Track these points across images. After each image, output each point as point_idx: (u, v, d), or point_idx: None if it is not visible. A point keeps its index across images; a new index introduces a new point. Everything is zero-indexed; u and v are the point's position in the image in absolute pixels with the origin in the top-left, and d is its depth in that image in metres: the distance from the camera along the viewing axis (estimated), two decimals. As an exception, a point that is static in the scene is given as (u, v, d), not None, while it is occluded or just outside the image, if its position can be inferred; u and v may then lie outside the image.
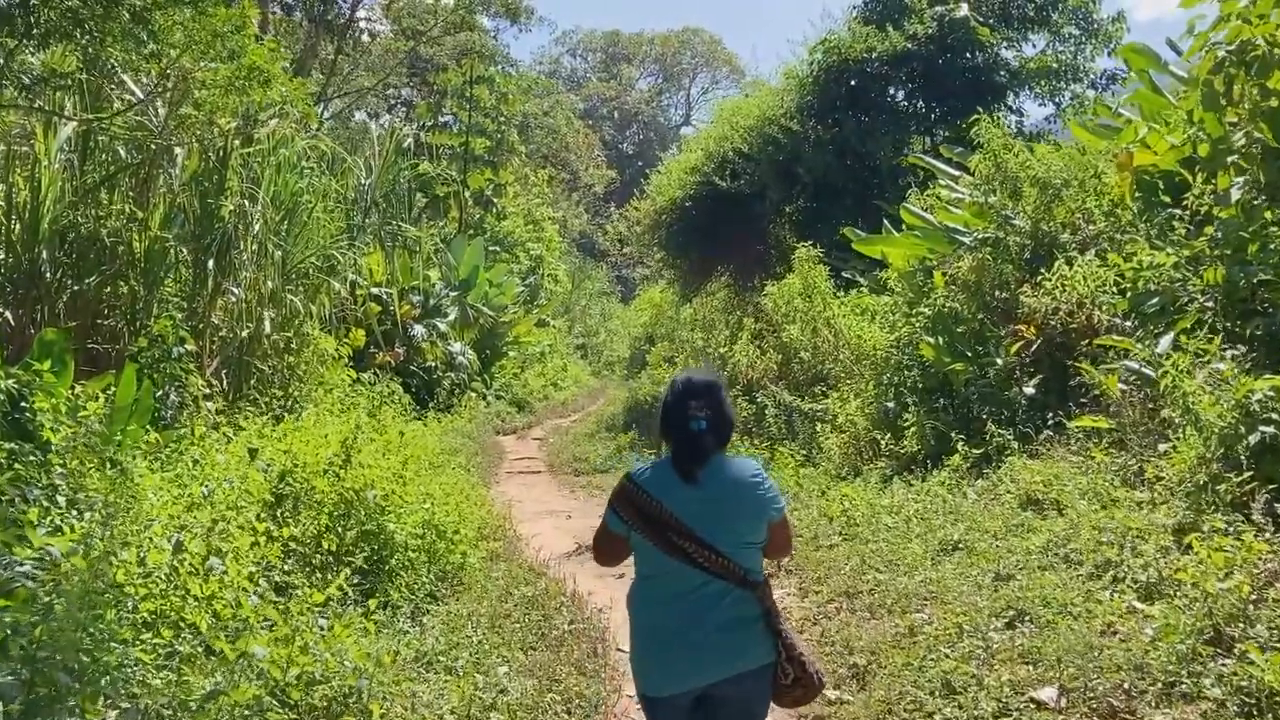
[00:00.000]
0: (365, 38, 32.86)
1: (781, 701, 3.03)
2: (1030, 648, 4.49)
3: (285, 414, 9.91)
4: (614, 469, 14.71)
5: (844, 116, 17.14)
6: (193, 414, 10.18)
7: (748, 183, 17.14)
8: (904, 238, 10.79)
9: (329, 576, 6.12)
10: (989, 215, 9.84)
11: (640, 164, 51.67)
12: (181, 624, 4.66)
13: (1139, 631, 4.41)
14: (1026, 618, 4.88)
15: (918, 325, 9.83)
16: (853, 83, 17.22)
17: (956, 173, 10.92)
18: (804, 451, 10.89)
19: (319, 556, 6.01)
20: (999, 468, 7.68)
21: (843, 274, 14.06)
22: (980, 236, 9.68)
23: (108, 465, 6.43)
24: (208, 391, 10.60)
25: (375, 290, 18.70)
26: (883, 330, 10.31)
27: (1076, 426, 7.30)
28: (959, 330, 9.39)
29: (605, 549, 3.22)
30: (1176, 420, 5.87)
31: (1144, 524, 5.42)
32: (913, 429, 8.96)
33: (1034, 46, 18.23)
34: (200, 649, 4.51)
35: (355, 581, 6.50)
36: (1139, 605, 4.69)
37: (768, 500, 3.00)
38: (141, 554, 4.91)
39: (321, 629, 4.98)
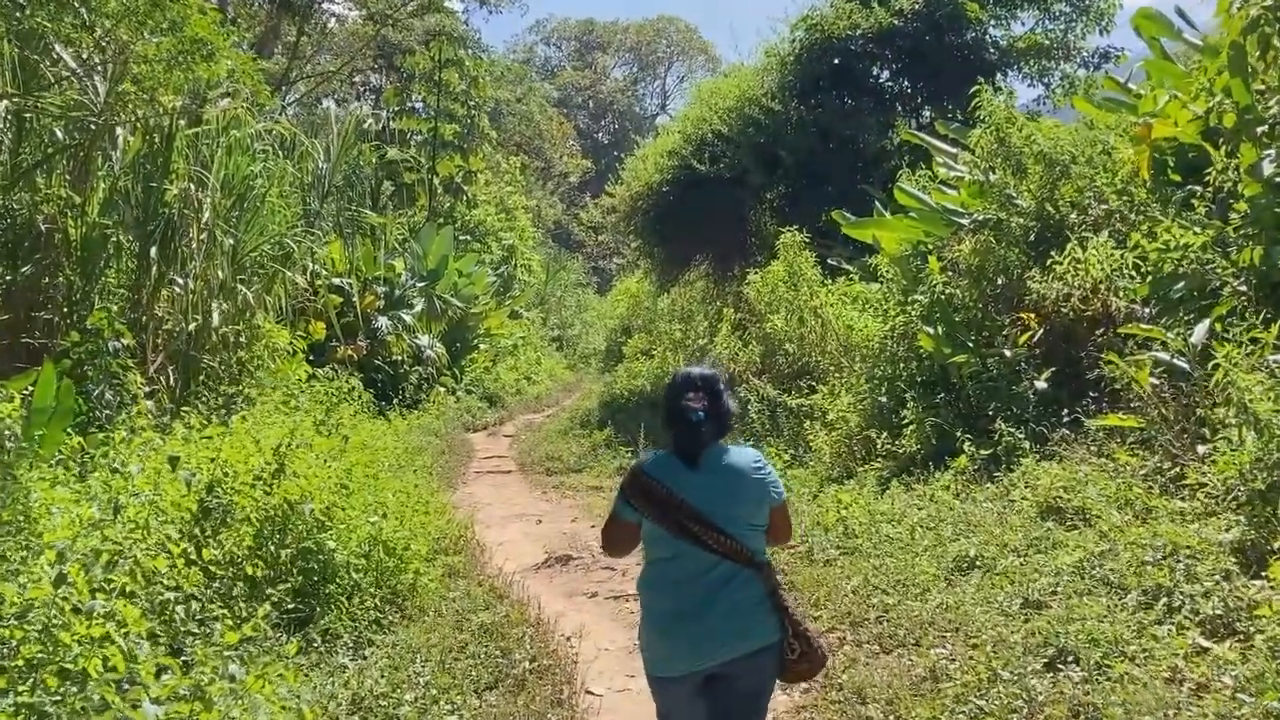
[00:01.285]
0: (332, 22, 31.82)
1: (787, 677, 3.16)
2: (1083, 699, 3.73)
3: (230, 413, 9.04)
4: (588, 468, 13.93)
5: (827, 97, 16.39)
6: (130, 415, 9.32)
7: (727, 166, 16.33)
8: (897, 220, 10.04)
9: (254, 606, 5.31)
10: (990, 195, 9.10)
11: (616, 153, 50.77)
12: (69, 673, 3.84)
13: (1214, 679, 3.66)
14: (1070, 658, 4.11)
15: (913, 314, 9.08)
16: (836, 61, 16.46)
17: (954, 150, 10.17)
18: (791, 450, 10.13)
19: (240, 585, 5.18)
20: (1011, 470, 6.95)
21: (828, 261, 13.31)
22: (981, 218, 8.94)
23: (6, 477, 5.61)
24: (148, 390, 9.81)
25: (337, 281, 17.80)
26: (875, 320, 9.54)
27: (1099, 425, 6.56)
28: (959, 319, 8.65)
29: (615, 539, 3.29)
30: (1229, 419, 5.12)
31: (1195, 541, 4.68)
32: (911, 427, 8.21)
33: (1023, 25, 17.56)
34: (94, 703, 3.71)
35: (290, 608, 5.70)
36: (1207, 644, 3.94)
37: (769, 485, 3.16)
38: (22, 587, 4.11)
39: (234, 678, 4.16)
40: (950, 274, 8.91)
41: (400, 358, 19.43)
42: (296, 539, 5.95)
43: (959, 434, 7.66)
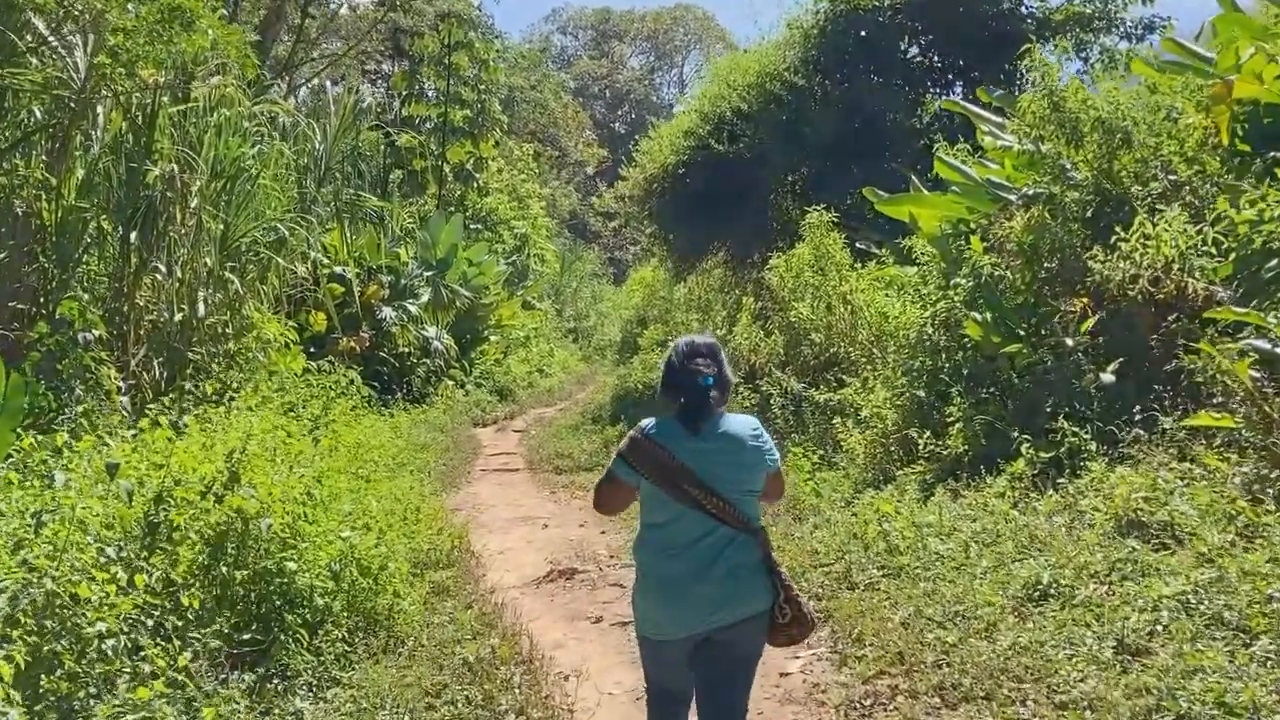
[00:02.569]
0: (344, 9, 30.98)
1: (776, 640, 3.18)
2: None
3: (220, 409, 8.26)
4: (600, 466, 13.06)
5: (853, 71, 15.40)
6: (101, 412, 8.57)
7: (747, 146, 15.39)
8: (936, 197, 9.13)
9: (197, 641, 4.50)
10: (1042, 166, 8.17)
11: (633, 144, 49.90)
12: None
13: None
14: (1195, 728, 3.24)
15: (956, 299, 8.17)
16: (862, 34, 15.46)
17: (998, 120, 9.22)
18: (819, 450, 9.24)
19: (171, 619, 4.35)
20: (1076, 476, 6.05)
21: (856, 245, 12.38)
22: (1031, 191, 8.02)
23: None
24: (122, 385, 9.09)
25: (338, 270, 17.00)
26: (913, 306, 8.61)
27: (1188, 425, 5.65)
28: (1009, 304, 7.74)
29: (609, 498, 3.32)
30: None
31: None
32: (957, 425, 7.30)
33: (1061, -6, 16.49)
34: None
35: (245, 639, 4.89)
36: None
37: (765, 452, 3.20)
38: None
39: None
40: (1000, 254, 7.99)
41: (407, 350, 18.66)
42: (254, 560, 5.14)
43: (1014, 434, 6.76)
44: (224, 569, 4.96)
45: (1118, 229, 7.10)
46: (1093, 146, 7.86)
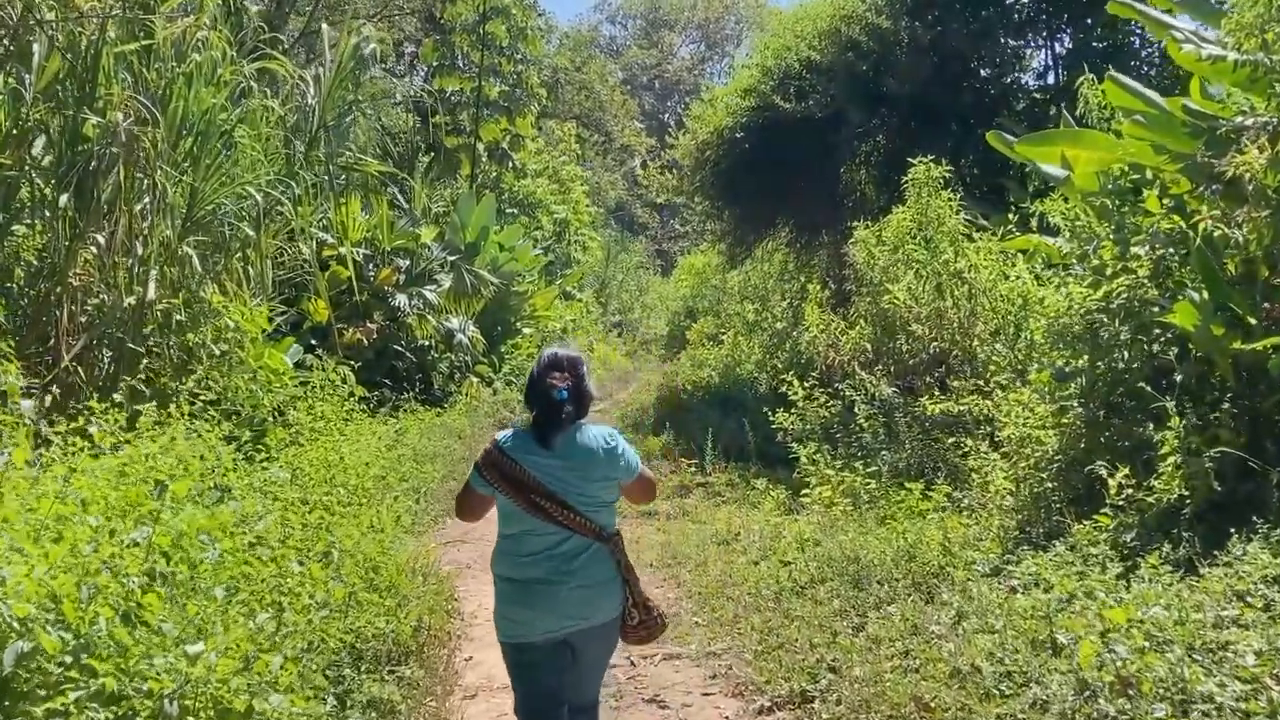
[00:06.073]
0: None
1: (628, 639, 3.36)
2: None
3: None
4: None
5: (947, 14, 12.85)
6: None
7: (818, 104, 12.92)
8: (1099, 135, 6.64)
9: None
10: (1265, 85, 5.67)
11: (682, 111, 47.56)
12: None
13: None
14: None
15: (1141, 274, 5.70)
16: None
17: (1189, 26, 6.69)
18: (926, 479, 6.83)
19: None
20: None
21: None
22: (1265, 119, 5.51)
23: None
24: (25, 385, 7.16)
25: (342, 251, 14.80)
26: (1075, 284, 6.09)
27: None
28: (1236, 283, 5.26)
29: (467, 506, 3.43)
30: None
31: None
32: (1171, 458, 4.83)
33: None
34: None
35: None
36: None
37: (619, 464, 3.27)
38: None
39: None
40: (1214, 211, 5.50)
41: (426, 342, 16.46)
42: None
43: (1273, 475, 4.29)
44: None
45: None
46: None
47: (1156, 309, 5.57)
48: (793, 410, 8.70)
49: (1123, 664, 3.44)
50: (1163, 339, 5.60)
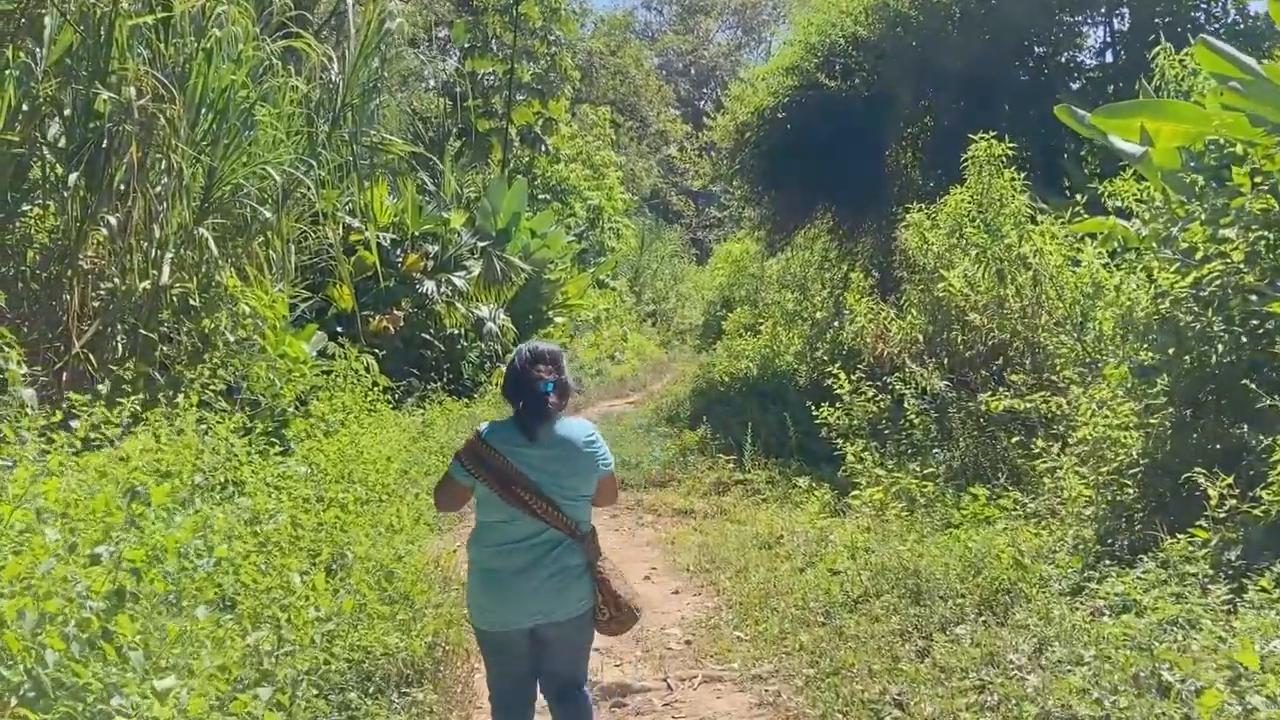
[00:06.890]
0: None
1: (602, 631, 3.42)
2: None
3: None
4: (675, 481, 10.27)
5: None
6: None
7: (864, 82, 12.33)
8: (1184, 105, 6.05)
9: None
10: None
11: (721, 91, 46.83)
12: None
13: None
14: None
15: (1237, 259, 5.12)
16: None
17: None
18: (988, 482, 6.29)
19: None
20: None
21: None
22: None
23: None
24: (25, 375, 6.79)
25: (377, 236, 14.42)
26: (1165, 270, 5.51)
27: None
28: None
29: (446, 496, 3.45)
30: None
31: None
32: (1278, 464, 4.26)
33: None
34: None
35: None
36: None
37: (598, 460, 3.34)
38: None
39: None
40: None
41: (455, 331, 16.07)
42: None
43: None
44: None
45: None
46: None
47: (1255, 297, 5.00)
48: (837, 405, 8.17)
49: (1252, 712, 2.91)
50: (1260, 330, 5.03)
